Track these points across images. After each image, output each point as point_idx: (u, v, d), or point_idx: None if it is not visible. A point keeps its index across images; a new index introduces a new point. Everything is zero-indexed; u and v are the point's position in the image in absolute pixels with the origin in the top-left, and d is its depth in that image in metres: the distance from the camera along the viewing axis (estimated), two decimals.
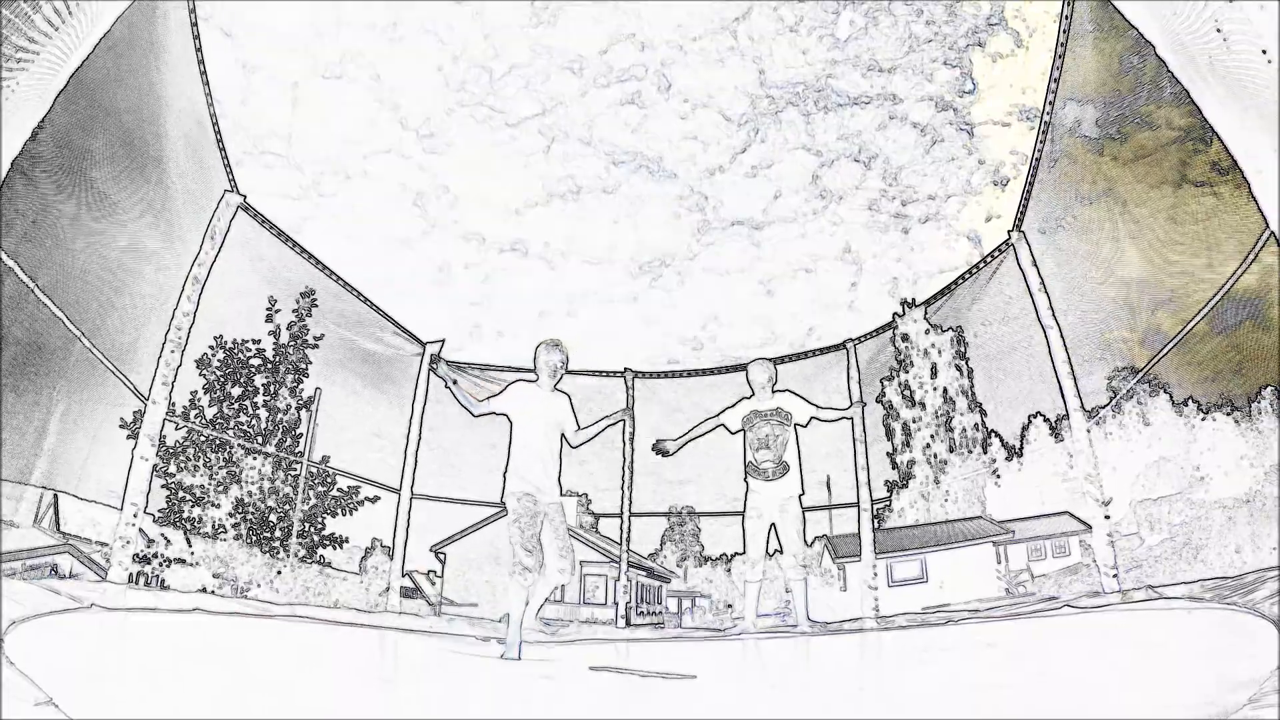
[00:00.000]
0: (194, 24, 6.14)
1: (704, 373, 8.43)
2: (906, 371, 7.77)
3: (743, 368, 7.34)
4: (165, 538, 6.22)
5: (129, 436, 6.03)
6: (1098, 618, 5.63)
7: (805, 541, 6.85)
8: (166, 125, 6.07)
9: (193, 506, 6.47)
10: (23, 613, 4.08)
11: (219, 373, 6.81)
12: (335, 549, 7.24)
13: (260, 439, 6.98)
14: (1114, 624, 5.33)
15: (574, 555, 5.91)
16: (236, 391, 6.89)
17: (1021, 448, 6.99)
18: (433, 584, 7.65)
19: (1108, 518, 6.20)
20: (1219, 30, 3.79)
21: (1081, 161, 6.13)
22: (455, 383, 6.07)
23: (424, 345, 8.02)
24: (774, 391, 7.20)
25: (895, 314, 7.89)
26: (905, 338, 7.80)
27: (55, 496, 5.44)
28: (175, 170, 6.20)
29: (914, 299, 7.82)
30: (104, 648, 4.37)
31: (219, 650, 4.97)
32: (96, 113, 5.23)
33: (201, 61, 6.26)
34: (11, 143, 3.89)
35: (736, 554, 8.11)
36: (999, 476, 7.15)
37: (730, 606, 8.05)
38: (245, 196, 6.76)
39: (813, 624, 6.77)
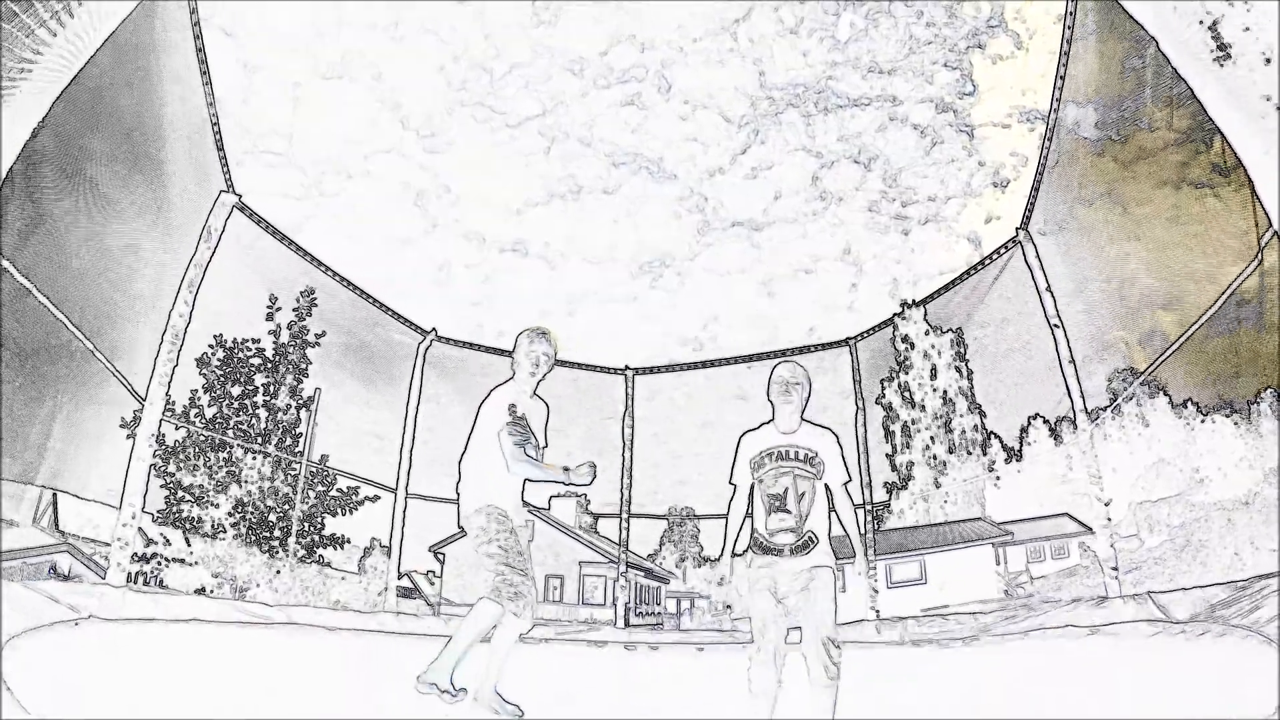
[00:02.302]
0: (195, 24, 6.14)
1: (704, 365, 8.42)
2: (906, 373, 7.77)
3: (745, 360, 5.36)
4: (165, 537, 6.22)
5: (128, 436, 6.03)
6: (1098, 618, 5.63)
7: (834, 630, 4.44)
8: (166, 125, 6.07)
9: (192, 506, 6.46)
10: (22, 623, 4.08)
11: (219, 372, 6.80)
12: (335, 549, 7.23)
13: (260, 439, 6.97)
14: (1114, 628, 5.33)
15: (534, 595, 4.51)
16: (236, 391, 6.89)
17: (1021, 449, 6.99)
18: (431, 584, 7.64)
19: (1109, 519, 6.20)
20: (1220, 30, 3.79)
21: (1082, 163, 6.13)
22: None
23: (426, 334, 8.04)
24: (802, 419, 4.84)
25: (896, 314, 7.90)
26: (905, 339, 7.81)
27: (54, 496, 5.43)
28: (174, 170, 6.20)
29: (914, 300, 7.83)
30: (103, 654, 4.37)
31: (218, 651, 4.97)
32: (97, 113, 5.23)
33: (202, 62, 6.26)
34: (11, 145, 3.90)
35: (736, 555, 8.09)
36: (998, 478, 7.15)
37: (729, 607, 8.04)
38: (241, 196, 6.75)
39: None
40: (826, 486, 4.69)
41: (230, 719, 3.42)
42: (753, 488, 4.78)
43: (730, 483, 4.91)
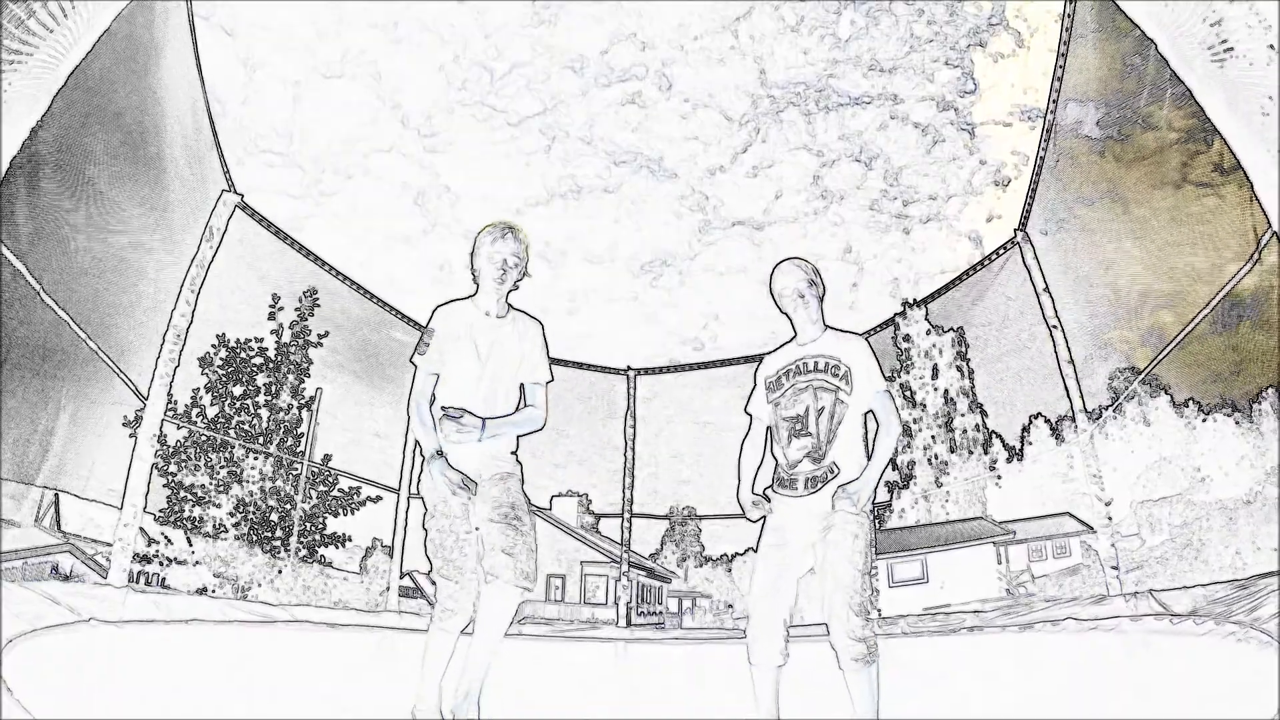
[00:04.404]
0: (194, 23, 6.14)
1: (706, 366, 8.42)
2: (908, 372, 7.76)
3: (752, 360, 4.18)
4: (166, 537, 6.23)
5: (130, 436, 6.04)
6: (1099, 621, 5.63)
7: (868, 597, 3.62)
8: (166, 124, 6.07)
9: (194, 506, 6.48)
10: (21, 627, 4.09)
11: (221, 372, 6.81)
12: (337, 549, 7.24)
13: (261, 439, 6.98)
14: (1118, 642, 5.33)
15: (533, 551, 3.54)
16: (238, 390, 6.89)
17: (1022, 449, 6.99)
18: (433, 584, 7.66)
19: (1110, 519, 6.20)
20: (1219, 29, 3.78)
21: (1083, 162, 6.12)
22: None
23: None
24: (826, 326, 4.01)
25: (897, 313, 7.89)
26: (906, 338, 7.80)
27: (56, 496, 5.45)
28: (174, 169, 6.20)
29: (915, 299, 7.82)
30: (104, 656, 4.38)
31: (219, 651, 4.98)
32: (97, 112, 5.24)
33: (200, 61, 6.27)
34: (10, 143, 3.90)
35: (737, 555, 8.11)
36: (1000, 477, 7.14)
37: (731, 606, 8.05)
38: (243, 195, 6.76)
39: None
40: (872, 414, 3.85)
41: (231, 719, 3.43)
42: (773, 413, 3.95)
43: (746, 411, 4.11)
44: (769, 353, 4.09)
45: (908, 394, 7.74)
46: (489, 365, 3.66)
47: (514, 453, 3.75)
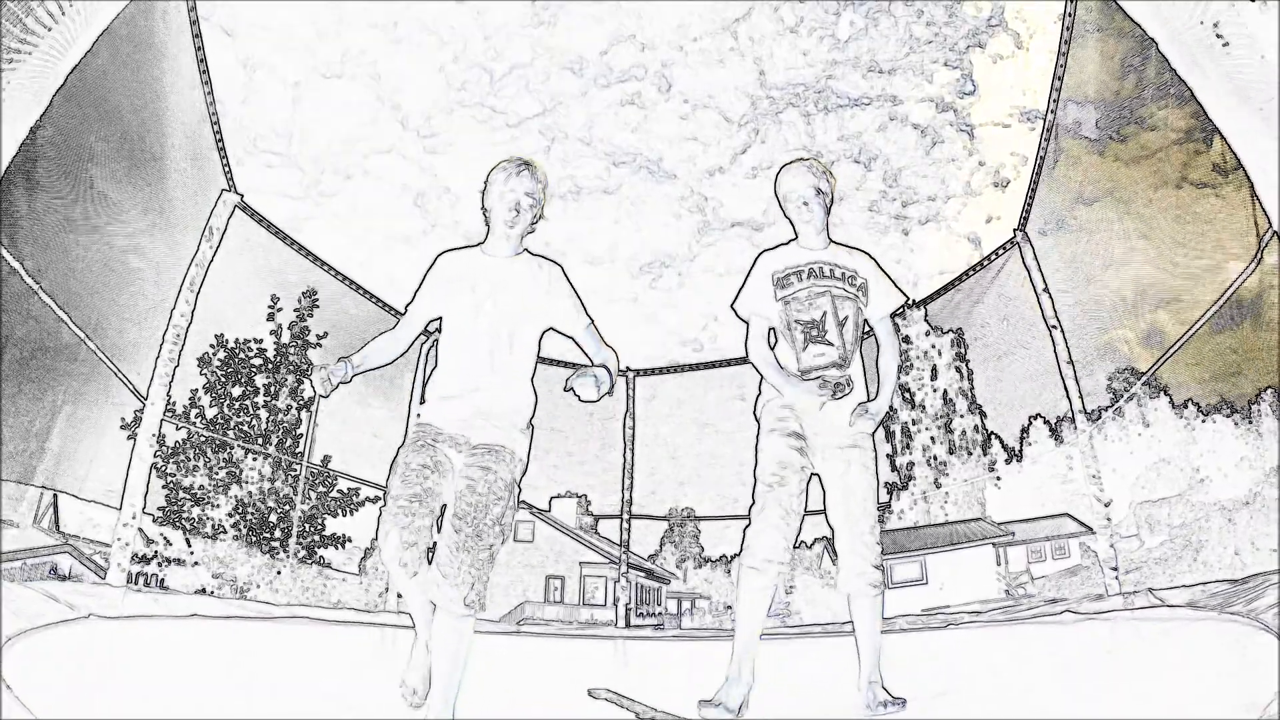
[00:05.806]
0: (194, 22, 6.14)
1: (704, 366, 8.41)
2: (906, 373, 7.76)
3: (745, 360, 3.81)
4: (165, 538, 6.22)
5: (129, 437, 6.03)
6: (1099, 622, 5.62)
7: (876, 527, 3.52)
8: (166, 124, 6.07)
9: (192, 507, 6.47)
10: (20, 625, 4.08)
11: (220, 372, 6.80)
12: (336, 549, 7.23)
13: (260, 439, 6.97)
14: (1115, 631, 5.33)
15: (464, 568, 2.90)
16: (237, 391, 6.89)
17: (1021, 450, 6.98)
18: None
19: (1109, 520, 6.20)
20: (1219, 30, 3.79)
21: (1083, 163, 6.13)
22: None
23: (430, 335, 8.03)
24: (831, 240, 3.75)
25: (895, 314, 7.88)
26: (905, 339, 7.80)
27: (55, 496, 5.44)
28: (175, 169, 6.20)
29: (914, 300, 7.82)
30: (103, 656, 4.37)
31: (219, 653, 4.98)
32: (97, 112, 5.24)
33: (202, 60, 6.26)
34: (9, 142, 3.90)
35: (736, 556, 8.09)
36: (999, 478, 7.14)
37: (730, 607, 8.04)
38: (243, 195, 6.76)
39: (894, 700, 3.48)
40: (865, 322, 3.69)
41: (231, 718, 3.43)
42: (782, 312, 3.60)
43: (733, 308, 3.74)
44: (769, 249, 3.78)
45: (906, 395, 7.75)
46: (488, 304, 3.26)
47: (530, 421, 3.18)
